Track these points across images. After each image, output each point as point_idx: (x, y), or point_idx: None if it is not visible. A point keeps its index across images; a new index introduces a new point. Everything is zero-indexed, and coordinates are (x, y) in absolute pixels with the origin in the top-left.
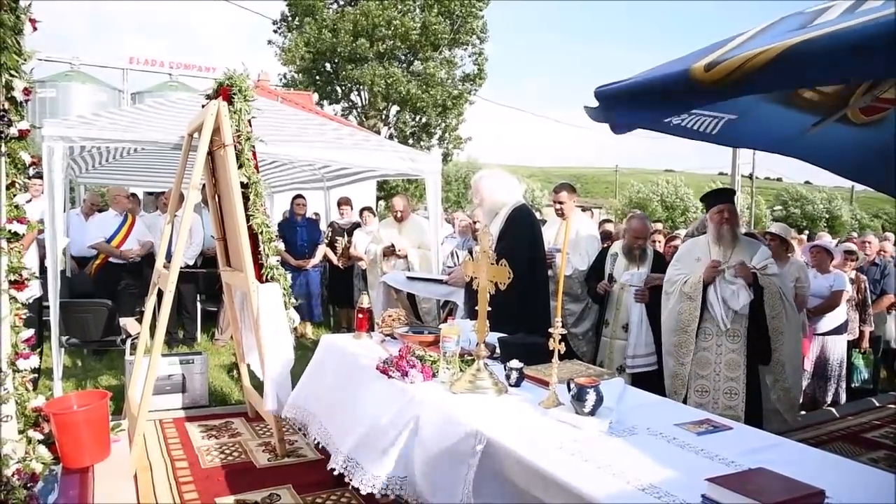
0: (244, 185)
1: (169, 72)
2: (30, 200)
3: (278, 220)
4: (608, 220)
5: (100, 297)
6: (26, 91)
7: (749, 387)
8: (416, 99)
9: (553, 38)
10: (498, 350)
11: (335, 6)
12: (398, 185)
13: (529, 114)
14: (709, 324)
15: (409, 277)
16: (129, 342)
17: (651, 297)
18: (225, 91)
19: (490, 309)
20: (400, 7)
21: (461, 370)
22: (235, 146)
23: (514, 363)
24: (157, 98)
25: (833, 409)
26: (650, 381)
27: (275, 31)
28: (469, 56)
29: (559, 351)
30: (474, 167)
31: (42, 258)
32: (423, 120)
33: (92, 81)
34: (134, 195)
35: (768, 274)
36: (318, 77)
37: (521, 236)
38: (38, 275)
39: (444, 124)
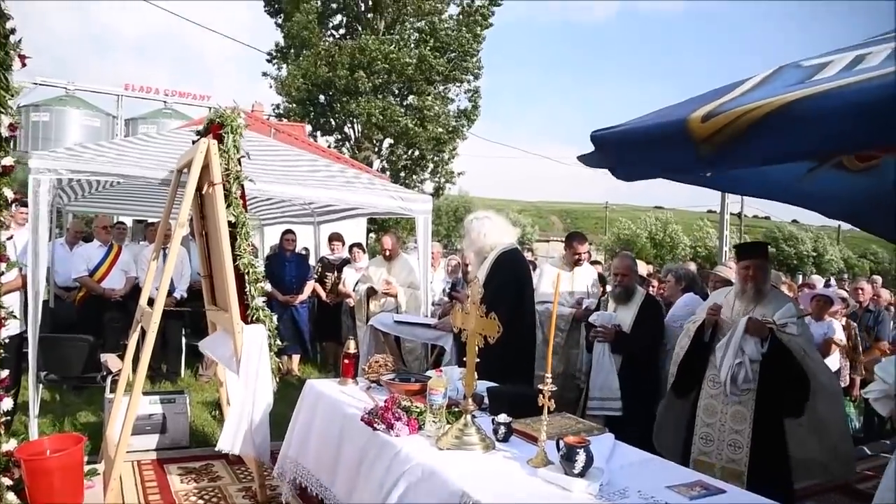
0: (232, 225)
1: (164, 99)
2: (10, 238)
3: (267, 255)
4: (596, 262)
5: (84, 330)
6: (12, 127)
7: (768, 439)
8: (411, 133)
9: (548, 74)
10: (486, 400)
11: (331, 39)
12: (390, 219)
13: (521, 150)
14: (717, 371)
15: (396, 321)
16: (109, 379)
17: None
18: (215, 128)
19: (478, 357)
20: (397, 42)
21: (448, 422)
22: (224, 185)
23: (503, 417)
24: (150, 125)
25: None
26: (615, 427)
27: (268, 62)
28: (464, 92)
29: (548, 408)
30: (466, 201)
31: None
32: (417, 154)
33: (86, 106)
34: (122, 224)
35: (787, 332)
36: (311, 108)
37: (507, 282)
38: (19, 309)
39: (437, 159)
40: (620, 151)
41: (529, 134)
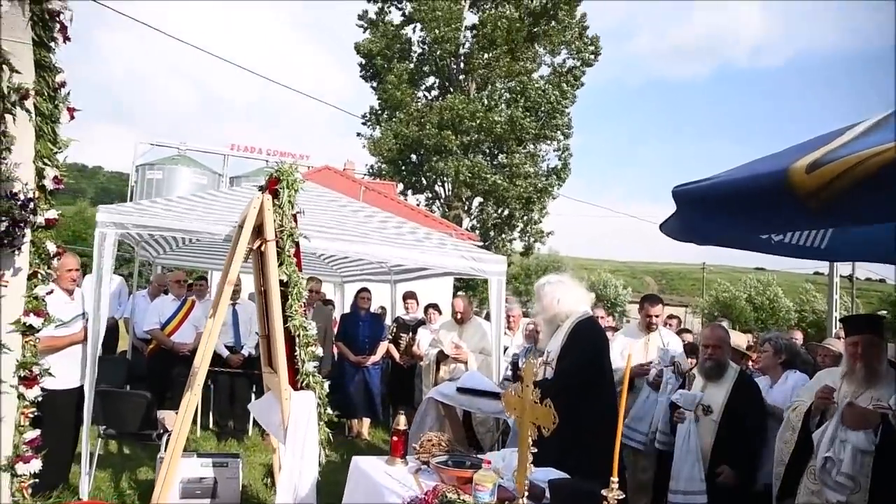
0: (284, 284)
1: (266, 158)
2: (51, 291)
3: (342, 313)
4: (686, 331)
5: (152, 383)
6: (57, 180)
7: None
8: (500, 189)
9: (640, 132)
10: (547, 495)
11: (423, 101)
12: (476, 280)
13: (608, 210)
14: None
15: (459, 389)
16: (164, 438)
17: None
18: (272, 183)
19: (542, 439)
20: (486, 102)
21: None
22: (277, 242)
23: None
24: (253, 182)
25: None
26: None
27: (363, 123)
28: (554, 151)
29: None
30: (555, 260)
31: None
32: (506, 212)
33: (195, 165)
34: (204, 279)
35: None
36: (403, 167)
37: (584, 357)
38: (80, 361)
39: (526, 217)
40: (706, 208)
41: (621, 193)
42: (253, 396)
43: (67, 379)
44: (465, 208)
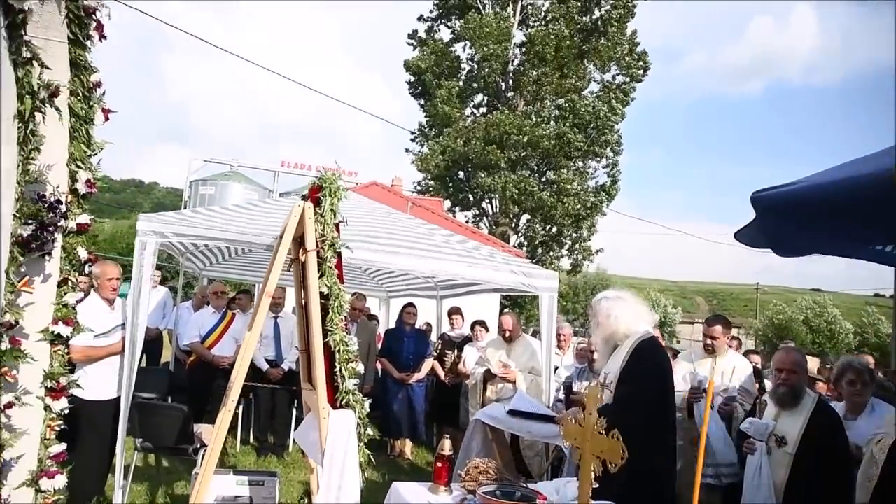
0: (324, 297)
1: (315, 175)
2: (81, 300)
3: (387, 329)
4: (753, 352)
5: (193, 396)
6: (90, 183)
7: None
8: (548, 206)
9: (691, 151)
10: None
11: (471, 117)
12: (524, 296)
13: (660, 226)
14: None
15: (510, 411)
16: (201, 453)
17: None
18: (314, 191)
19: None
20: (534, 118)
21: None
22: (318, 252)
23: None
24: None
25: None
26: None
27: (412, 140)
28: (603, 168)
29: None
30: (604, 279)
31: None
32: (554, 229)
33: (246, 181)
34: (247, 292)
35: None
36: (450, 184)
37: (647, 381)
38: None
39: (574, 235)
40: (793, 215)
41: (672, 212)
42: (294, 412)
43: (105, 390)
44: (513, 225)
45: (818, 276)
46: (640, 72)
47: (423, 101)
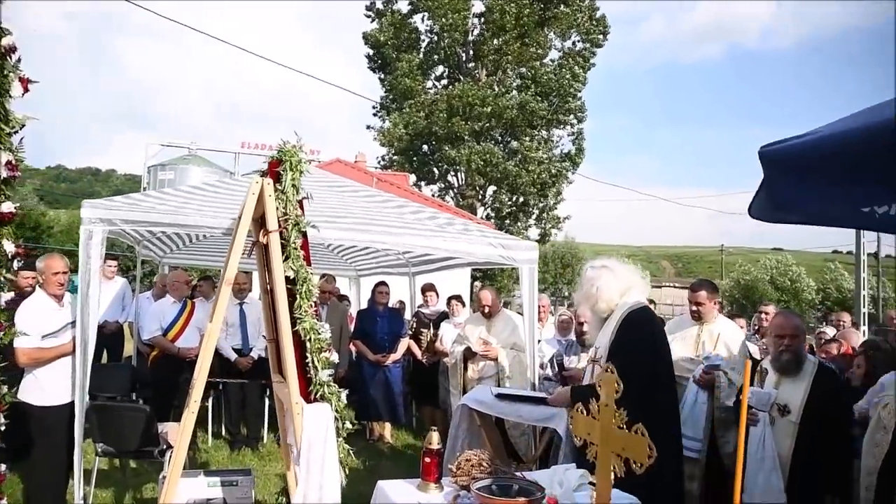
0: (290, 281)
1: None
2: (21, 298)
3: (359, 309)
4: (737, 315)
5: (158, 392)
6: (11, 166)
7: None
8: (514, 177)
9: (652, 118)
10: None
11: (433, 89)
12: (495, 268)
13: (633, 191)
14: None
15: (497, 395)
16: (168, 454)
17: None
18: (273, 166)
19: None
20: (496, 88)
21: None
22: (281, 233)
23: None
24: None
25: None
26: None
27: (374, 115)
28: (567, 135)
29: None
30: (572, 247)
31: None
32: (521, 199)
33: (206, 164)
34: (209, 278)
35: None
36: (415, 158)
37: (640, 354)
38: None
39: (541, 204)
40: (802, 172)
41: (639, 178)
42: (267, 401)
43: (58, 394)
44: (479, 197)
45: (778, 235)
46: (601, 37)
47: (383, 75)
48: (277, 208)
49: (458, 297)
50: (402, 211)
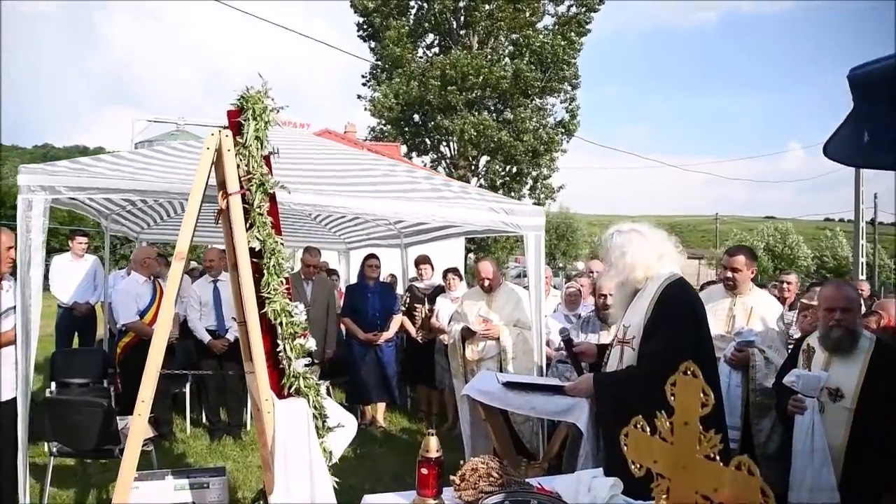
0: (256, 254)
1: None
2: None
3: (348, 284)
4: (765, 285)
5: (128, 382)
6: None
7: None
8: (507, 146)
9: (646, 85)
10: None
11: (424, 58)
12: (489, 238)
13: (634, 155)
14: None
15: (505, 384)
16: None
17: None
18: (233, 115)
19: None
20: (490, 56)
21: None
22: (244, 196)
23: None
24: None
25: None
26: None
27: (364, 85)
28: (561, 103)
29: None
30: (567, 217)
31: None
32: (514, 169)
33: (195, 140)
34: (162, 255)
35: None
36: (406, 129)
37: (684, 332)
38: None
39: (535, 173)
40: None
41: (630, 147)
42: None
43: (6, 388)
44: (472, 167)
45: (770, 203)
46: (596, 1)
47: (373, 44)
48: (239, 166)
49: (455, 270)
50: (393, 173)
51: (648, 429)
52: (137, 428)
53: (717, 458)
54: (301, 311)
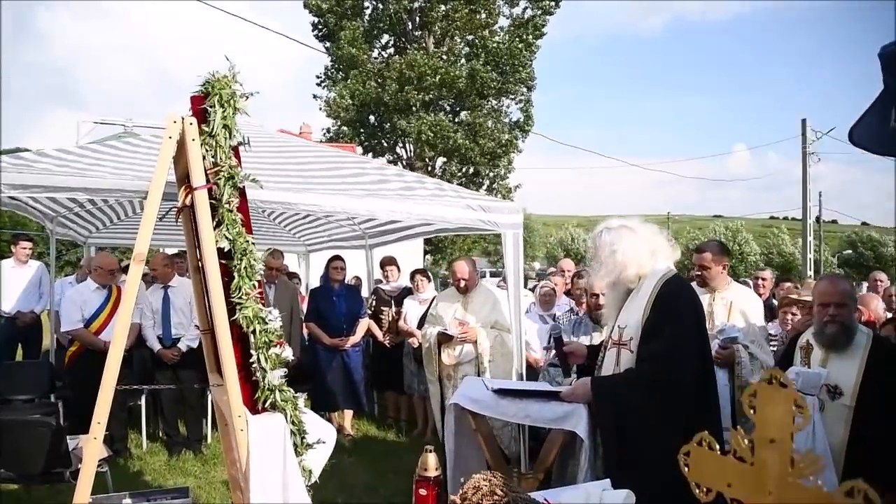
0: (225, 254)
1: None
2: None
3: (312, 288)
4: (746, 281)
5: (77, 395)
6: None
7: None
8: (463, 148)
9: (598, 89)
10: None
11: (379, 58)
12: (446, 238)
13: (594, 153)
14: None
15: (495, 391)
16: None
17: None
18: (196, 102)
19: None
20: (446, 57)
21: None
22: (210, 191)
23: None
24: None
25: None
26: None
27: (319, 85)
28: (516, 103)
29: None
30: (525, 218)
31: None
32: (471, 170)
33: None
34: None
35: None
36: (362, 130)
37: (685, 334)
38: None
39: (492, 174)
40: None
41: (587, 145)
42: (209, 395)
43: None
44: (428, 168)
45: (719, 203)
46: (552, 3)
47: (327, 45)
48: (205, 157)
49: (423, 271)
50: (363, 168)
51: (718, 447)
52: (92, 452)
53: (821, 482)
54: (276, 318)
